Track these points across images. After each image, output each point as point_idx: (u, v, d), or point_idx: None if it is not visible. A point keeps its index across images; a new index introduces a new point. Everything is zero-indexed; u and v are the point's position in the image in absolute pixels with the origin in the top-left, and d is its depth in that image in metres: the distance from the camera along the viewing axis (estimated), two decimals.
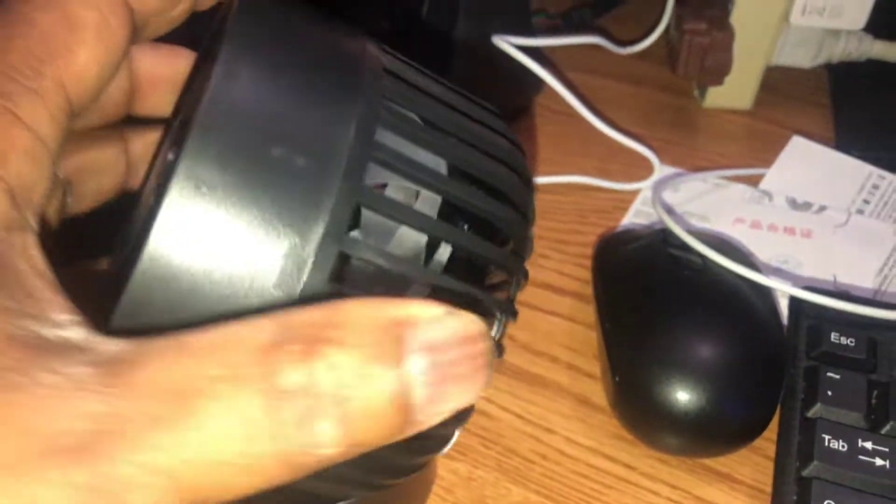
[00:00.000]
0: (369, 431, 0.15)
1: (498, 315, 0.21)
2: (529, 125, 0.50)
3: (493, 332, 0.22)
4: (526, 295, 0.39)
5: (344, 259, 0.17)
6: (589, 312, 0.38)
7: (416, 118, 0.20)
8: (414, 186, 0.20)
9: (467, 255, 0.20)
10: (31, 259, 0.15)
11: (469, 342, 0.15)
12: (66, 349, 0.14)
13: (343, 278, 0.18)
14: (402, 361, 0.15)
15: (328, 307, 0.15)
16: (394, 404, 0.15)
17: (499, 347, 0.21)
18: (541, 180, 0.45)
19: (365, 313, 0.15)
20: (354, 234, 0.22)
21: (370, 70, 0.19)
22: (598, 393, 0.35)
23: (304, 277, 0.16)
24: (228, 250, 0.16)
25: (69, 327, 0.15)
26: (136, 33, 0.19)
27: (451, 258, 0.23)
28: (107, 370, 0.14)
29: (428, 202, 0.22)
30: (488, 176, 0.20)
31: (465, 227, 0.24)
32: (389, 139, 0.18)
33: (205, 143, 0.16)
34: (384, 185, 0.24)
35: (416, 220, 0.18)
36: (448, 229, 0.19)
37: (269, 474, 0.15)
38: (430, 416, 0.15)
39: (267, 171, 0.16)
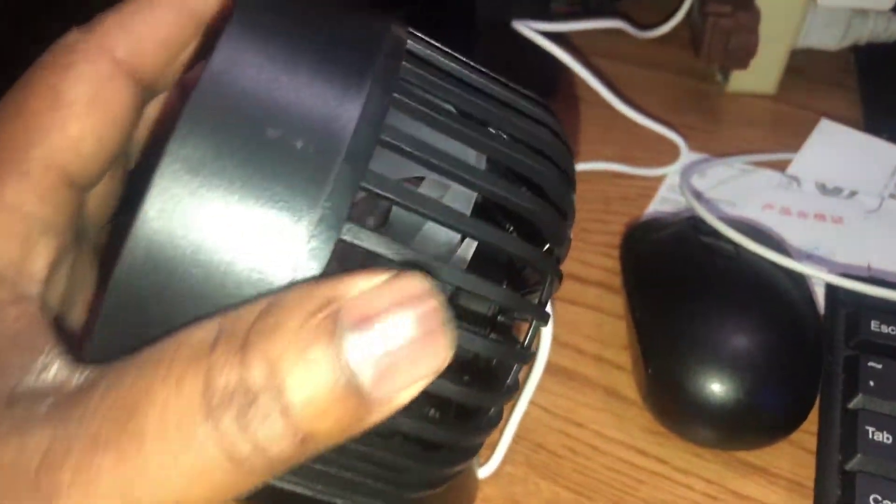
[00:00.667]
0: (319, 421, 0.14)
1: (529, 319, 0.20)
2: None
3: (524, 338, 0.21)
4: None
5: (351, 250, 0.16)
6: (615, 302, 0.37)
7: (443, 105, 0.18)
8: (430, 174, 0.19)
9: (493, 249, 0.19)
10: (22, 322, 0.16)
11: (415, 302, 0.14)
12: (38, 394, 0.15)
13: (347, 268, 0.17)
14: (339, 339, 0.14)
15: (270, 296, 0.15)
16: (338, 387, 0.14)
17: (527, 353, 0.20)
18: None
19: (300, 296, 0.14)
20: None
21: (388, 51, 0.17)
22: (627, 385, 0.34)
23: (298, 267, 0.15)
24: (217, 239, 0.15)
25: (51, 368, 0.15)
26: (150, 90, 0.20)
27: (487, 259, 0.22)
28: (67, 401, 0.14)
29: (460, 197, 0.21)
30: (521, 167, 0.19)
31: (510, 228, 0.22)
32: (405, 124, 0.17)
33: (196, 122, 0.15)
34: (420, 180, 0.22)
35: (428, 207, 0.17)
36: (464, 219, 0.17)
37: (221, 483, 0.14)
38: (389, 393, 0.14)
39: (261, 152, 0.15)
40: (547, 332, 0.29)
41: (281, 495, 0.19)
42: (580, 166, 0.44)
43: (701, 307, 0.31)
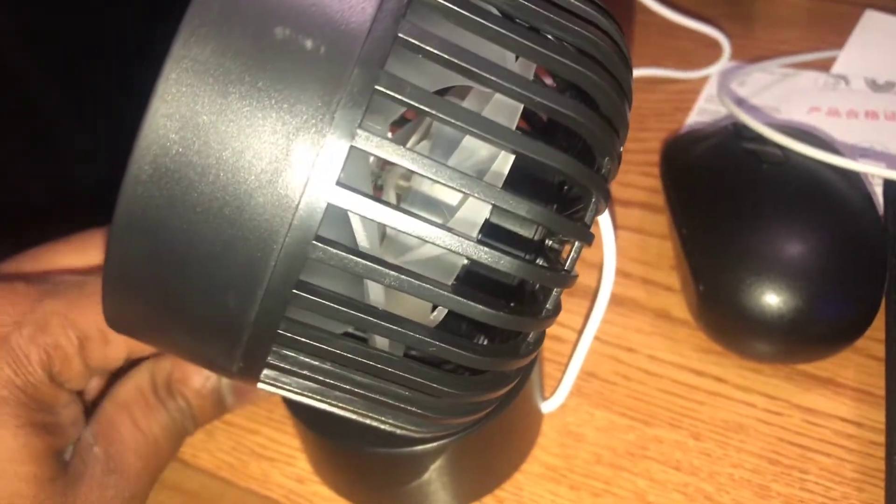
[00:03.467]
0: None
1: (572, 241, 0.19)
2: None
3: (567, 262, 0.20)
4: None
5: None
6: (659, 222, 0.35)
7: (481, 5, 0.16)
8: (464, 79, 0.17)
9: (539, 167, 0.17)
10: None
11: None
12: None
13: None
14: None
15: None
16: None
17: (567, 276, 0.20)
18: None
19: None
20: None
21: None
22: (677, 305, 0.32)
23: (311, 178, 0.15)
24: (226, 147, 0.14)
25: None
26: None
27: (533, 179, 0.21)
28: None
29: (504, 109, 0.19)
30: (569, 73, 0.17)
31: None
32: (431, 23, 0.15)
33: (200, 22, 0.14)
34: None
35: (444, 110, 0.15)
36: (491, 125, 0.16)
37: None
38: None
39: (268, 53, 0.14)
40: (610, 266, 0.28)
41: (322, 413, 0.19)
42: None
43: (750, 217, 0.29)
